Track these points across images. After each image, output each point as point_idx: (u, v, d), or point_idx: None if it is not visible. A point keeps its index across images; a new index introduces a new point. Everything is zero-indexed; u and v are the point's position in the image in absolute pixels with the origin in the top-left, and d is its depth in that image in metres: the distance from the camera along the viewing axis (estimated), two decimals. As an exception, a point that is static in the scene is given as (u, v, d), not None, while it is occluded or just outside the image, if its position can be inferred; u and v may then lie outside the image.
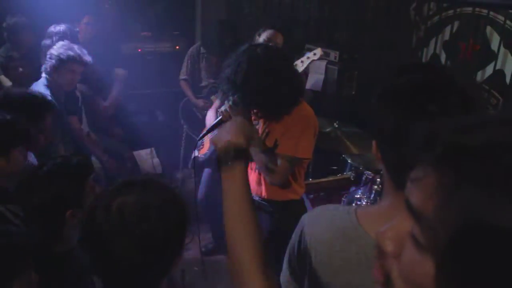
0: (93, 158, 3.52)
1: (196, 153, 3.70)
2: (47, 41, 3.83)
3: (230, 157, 1.14)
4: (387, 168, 1.01)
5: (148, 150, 4.52)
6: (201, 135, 2.34)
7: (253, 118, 2.35)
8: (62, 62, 3.21)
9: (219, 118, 2.24)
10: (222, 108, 2.28)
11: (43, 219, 1.63)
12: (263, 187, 2.43)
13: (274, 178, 2.31)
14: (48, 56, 3.25)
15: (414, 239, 0.52)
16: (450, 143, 0.51)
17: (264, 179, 2.40)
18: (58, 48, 3.25)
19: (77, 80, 3.43)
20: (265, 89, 2.12)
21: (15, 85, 3.57)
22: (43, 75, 3.28)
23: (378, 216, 0.99)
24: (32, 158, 2.40)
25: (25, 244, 1.39)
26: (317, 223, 1.09)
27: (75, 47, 3.29)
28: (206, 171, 3.76)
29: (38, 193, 1.60)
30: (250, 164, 2.45)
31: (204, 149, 3.28)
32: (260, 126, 2.36)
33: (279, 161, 2.27)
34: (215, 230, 3.79)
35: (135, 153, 4.42)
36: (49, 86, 3.22)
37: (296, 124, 2.27)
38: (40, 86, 3.19)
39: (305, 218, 1.16)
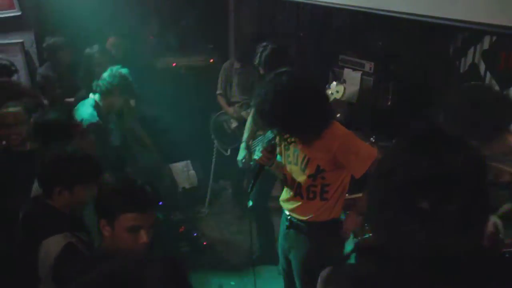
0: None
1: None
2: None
3: None
4: None
5: (184, 163, 4.63)
6: (250, 185, 2.58)
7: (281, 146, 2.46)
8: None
9: (258, 166, 2.48)
10: (256, 156, 2.51)
11: None
12: (301, 209, 2.45)
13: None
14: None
15: None
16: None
17: (303, 201, 2.42)
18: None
19: None
20: (292, 116, 2.20)
21: (51, 104, 3.66)
22: (91, 96, 3.34)
23: None
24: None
25: None
26: None
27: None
28: None
29: None
30: (293, 187, 2.48)
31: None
32: (299, 153, 2.39)
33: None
34: (261, 237, 3.85)
35: (172, 165, 4.52)
36: (96, 107, 3.28)
37: (335, 144, 2.29)
38: (87, 106, 3.27)
39: None
